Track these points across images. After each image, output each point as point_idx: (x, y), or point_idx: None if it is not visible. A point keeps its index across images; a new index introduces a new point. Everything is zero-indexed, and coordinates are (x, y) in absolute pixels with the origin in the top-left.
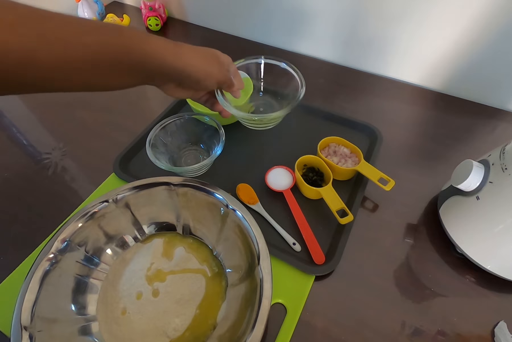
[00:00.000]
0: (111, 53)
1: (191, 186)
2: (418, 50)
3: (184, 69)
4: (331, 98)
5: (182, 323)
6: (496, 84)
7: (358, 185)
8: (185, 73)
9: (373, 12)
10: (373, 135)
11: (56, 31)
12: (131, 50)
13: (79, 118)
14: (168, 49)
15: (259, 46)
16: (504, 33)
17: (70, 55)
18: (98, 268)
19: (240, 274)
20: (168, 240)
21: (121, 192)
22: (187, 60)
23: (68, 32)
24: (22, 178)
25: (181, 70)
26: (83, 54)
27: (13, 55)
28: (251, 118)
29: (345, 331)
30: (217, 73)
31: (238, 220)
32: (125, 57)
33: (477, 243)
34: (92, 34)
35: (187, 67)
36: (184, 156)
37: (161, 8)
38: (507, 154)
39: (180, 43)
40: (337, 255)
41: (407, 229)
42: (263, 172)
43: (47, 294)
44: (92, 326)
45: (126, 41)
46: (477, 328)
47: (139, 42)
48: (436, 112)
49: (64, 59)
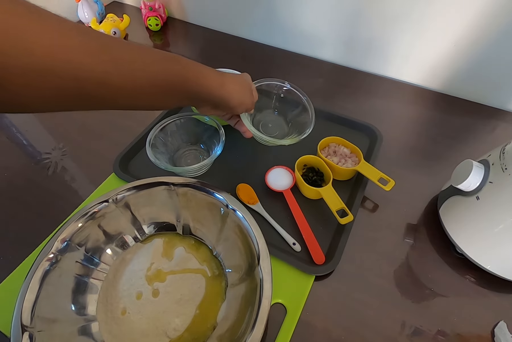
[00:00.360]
0: (170, 81)
1: (191, 186)
2: (418, 50)
3: (224, 97)
4: (331, 98)
5: (182, 323)
6: (496, 84)
7: (358, 185)
8: (224, 101)
9: (373, 12)
10: (373, 135)
11: (129, 59)
12: (187, 79)
13: (79, 118)
14: (216, 80)
15: (259, 46)
16: (504, 33)
17: (137, 80)
18: (98, 268)
19: (240, 274)
20: (168, 240)
21: (121, 192)
22: (228, 90)
23: (138, 61)
24: (22, 177)
25: (222, 98)
26: (147, 80)
27: (92, 77)
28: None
29: (345, 331)
30: (248, 102)
31: (238, 220)
32: (180, 85)
33: (477, 243)
34: (158, 64)
35: (227, 96)
36: (184, 156)
37: (161, 8)
38: (507, 154)
39: (222, 73)
40: (337, 255)
41: (407, 229)
42: (263, 172)
43: (47, 294)
44: (92, 326)
45: (183, 72)
46: (477, 328)
47: (194, 73)
48: (436, 113)
49: (131, 83)
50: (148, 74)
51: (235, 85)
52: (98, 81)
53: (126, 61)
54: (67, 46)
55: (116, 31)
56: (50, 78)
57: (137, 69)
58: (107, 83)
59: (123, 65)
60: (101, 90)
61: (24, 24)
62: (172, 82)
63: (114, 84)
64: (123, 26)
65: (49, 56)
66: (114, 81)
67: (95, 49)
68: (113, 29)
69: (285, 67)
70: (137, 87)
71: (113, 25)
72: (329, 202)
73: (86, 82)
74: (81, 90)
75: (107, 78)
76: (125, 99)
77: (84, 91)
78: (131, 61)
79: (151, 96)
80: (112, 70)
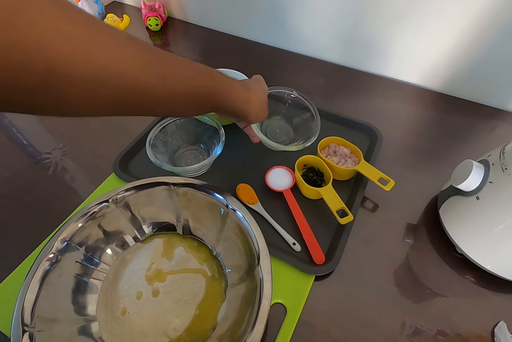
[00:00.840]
0: (203, 94)
1: (191, 185)
2: (418, 50)
3: (246, 111)
4: (331, 98)
5: (182, 323)
6: (496, 84)
7: (358, 185)
8: (244, 114)
9: (373, 12)
10: (373, 135)
11: (172, 74)
12: (217, 94)
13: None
14: (242, 96)
15: (259, 46)
16: (504, 33)
17: (176, 93)
18: (98, 268)
19: (240, 274)
20: (168, 240)
21: (121, 192)
22: (251, 105)
23: (180, 75)
24: (22, 177)
25: (244, 112)
26: (185, 93)
27: (140, 88)
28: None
29: (345, 331)
30: (264, 116)
31: (238, 220)
32: (211, 98)
33: (477, 243)
34: (195, 79)
35: (248, 110)
36: (184, 156)
37: (161, 8)
38: (507, 154)
39: (249, 88)
40: (337, 255)
41: (407, 229)
42: (263, 172)
43: (47, 294)
44: (92, 326)
45: (215, 86)
46: (477, 328)
47: (224, 88)
48: (436, 113)
49: (170, 95)
50: (186, 88)
51: (257, 101)
52: (144, 92)
53: (169, 76)
54: (122, 57)
55: None
56: (104, 86)
57: (177, 83)
58: (151, 94)
59: (166, 79)
60: (144, 100)
61: (87, 34)
62: (204, 95)
63: (156, 96)
64: (123, 26)
65: (106, 66)
66: (157, 93)
67: (145, 62)
68: None
69: (285, 67)
70: (175, 99)
71: (113, 25)
72: (329, 202)
73: (133, 92)
74: (127, 99)
75: (152, 90)
76: (162, 108)
77: (129, 100)
78: (173, 76)
79: (184, 106)
80: (157, 83)
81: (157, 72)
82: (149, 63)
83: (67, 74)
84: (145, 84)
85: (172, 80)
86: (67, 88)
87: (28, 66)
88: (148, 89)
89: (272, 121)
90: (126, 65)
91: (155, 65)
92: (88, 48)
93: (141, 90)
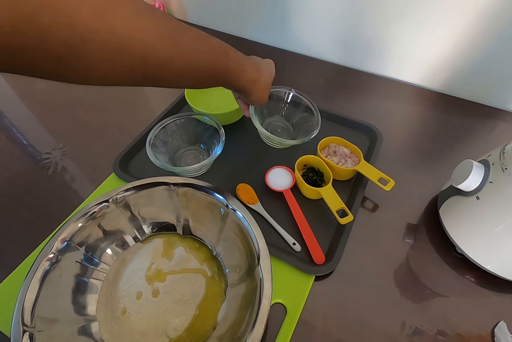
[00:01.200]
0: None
1: (191, 185)
2: (418, 50)
3: (251, 91)
4: (331, 98)
5: (182, 323)
6: (496, 84)
7: (358, 185)
8: (249, 93)
9: (373, 12)
10: (373, 135)
11: (190, 48)
12: (228, 70)
13: (79, 118)
14: (252, 76)
15: (259, 46)
16: (504, 33)
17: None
18: (98, 268)
19: (240, 274)
20: (168, 240)
21: (121, 192)
22: (258, 86)
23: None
24: (22, 177)
25: (250, 91)
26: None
27: (158, 59)
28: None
29: (345, 331)
30: (266, 99)
31: (238, 220)
32: (222, 74)
33: (477, 243)
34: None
35: (254, 91)
36: (184, 156)
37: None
38: (507, 154)
39: (260, 68)
40: (337, 255)
41: (407, 229)
42: (263, 172)
43: (47, 294)
44: (92, 326)
45: (228, 63)
46: (477, 328)
47: (237, 67)
48: (436, 112)
49: (187, 68)
50: (201, 63)
51: (264, 83)
52: (161, 64)
53: (187, 49)
54: (142, 28)
55: None
56: (124, 55)
57: (194, 57)
58: (168, 67)
59: (184, 52)
60: (162, 72)
61: (108, 4)
62: (216, 70)
63: (173, 68)
64: None
65: (126, 35)
66: (174, 66)
67: (165, 33)
68: None
69: (285, 67)
70: (190, 72)
71: None
72: (329, 202)
73: (151, 63)
74: (146, 71)
75: (169, 63)
76: (175, 79)
77: (148, 72)
78: (191, 50)
79: (196, 79)
80: (175, 55)
81: (177, 46)
82: (169, 36)
83: (90, 41)
84: (163, 56)
85: (188, 55)
86: (90, 55)
87: (54, 30)
88: (165, 61)
89: (273, 120)
90: (145, 35)
91: (174, 38)
92: (110, 16)
93: (158, 62)
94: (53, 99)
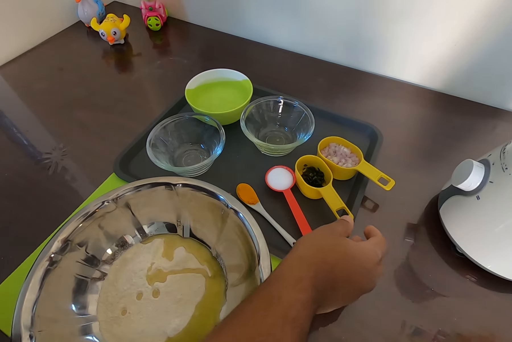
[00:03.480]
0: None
1: (191, 186)
2: (418, 50)
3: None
4: (331, 98)
5: (182, 323)
6: (496, 84)
7: (358, 185)
8: None
9: (373, 11)
10: (373, 135)
11: None
12: None
13: (79, 118)
14: None
15: (259, 46)
16: (504, 32)
17: None
18: (98, 268)
19: (241, 274)
20: (168, 240)
21: (121, 192)
22: None
23: None
24: (22, 177)
25: None
26: None
27: None
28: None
29: (345, 331)
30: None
31: (238, 220)
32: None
33: (478, 243)
34: None
35: None
36: (184, 156)
37: (161, 8)
38: (508, 154)
39: (324, 299)
40: None
41: (407, 229)
42: (263, 172)
43: (47, 294)
44: (93, 326)
45: None
46: (478, 327)
47: None
48: (436, 112)
49: None
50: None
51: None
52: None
53: None
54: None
55: (116, 31)
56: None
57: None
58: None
59: None
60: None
61: None
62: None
63: None
64: (123, 26)
65: None
66: None
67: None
68: (113, 29)
69: (285, 67)
70: None
71: (113, 25)
72: (329, 201)
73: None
74: None
75: None
76: None
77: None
78: None
79: None
80: None
81: None
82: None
83: None
84: None
85: None
86: None
87: None
88: None
89: (268, 130)
90: None
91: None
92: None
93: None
94: (53, 99)
